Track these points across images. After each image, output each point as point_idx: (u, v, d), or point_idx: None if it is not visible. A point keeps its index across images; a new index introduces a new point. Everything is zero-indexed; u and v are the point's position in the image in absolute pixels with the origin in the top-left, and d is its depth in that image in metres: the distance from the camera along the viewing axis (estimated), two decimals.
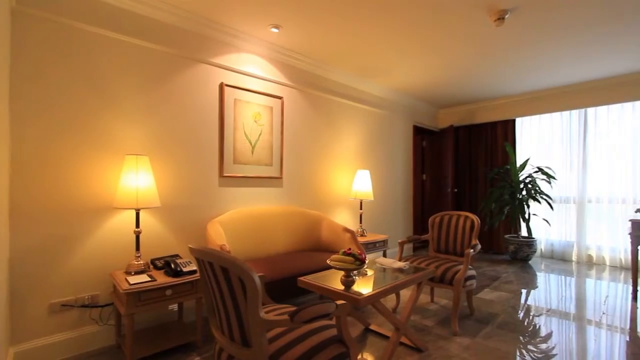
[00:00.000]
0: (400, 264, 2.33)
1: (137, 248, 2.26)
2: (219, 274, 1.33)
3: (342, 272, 2.02)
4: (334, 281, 2.04)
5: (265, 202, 3.33)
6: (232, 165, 3.03)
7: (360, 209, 3.95)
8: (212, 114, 2.91)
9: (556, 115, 5.07)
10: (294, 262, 2.69)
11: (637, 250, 3.26)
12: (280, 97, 3.40)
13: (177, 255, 2.49)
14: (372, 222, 4.61)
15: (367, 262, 2.48)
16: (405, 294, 3.37)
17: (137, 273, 2.19)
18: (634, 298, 3.27)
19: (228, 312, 1.37)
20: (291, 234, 3.19)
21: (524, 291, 3.53)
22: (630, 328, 2.62)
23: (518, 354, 2.21)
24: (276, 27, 2.90)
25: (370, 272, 2.27)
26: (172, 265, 2.19)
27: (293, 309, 1.38)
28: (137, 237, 2.26)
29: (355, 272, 2.18)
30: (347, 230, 3.12)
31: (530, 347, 2.31)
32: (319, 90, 3.85)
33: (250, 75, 3.17)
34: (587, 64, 3.87)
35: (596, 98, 4.58)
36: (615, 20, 2.82)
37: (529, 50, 3.46)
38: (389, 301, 3.19)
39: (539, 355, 2.19)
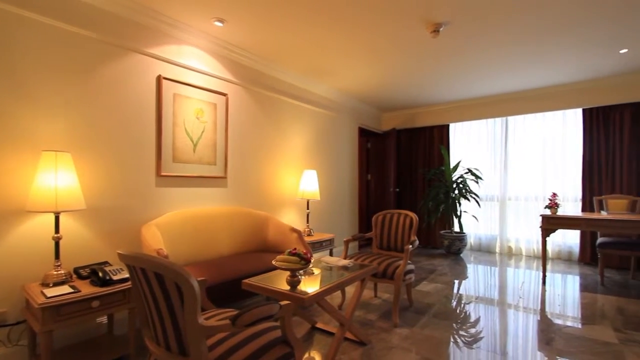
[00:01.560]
0: (345, 262, 2.39)
1: (57, 256, 2.01)
2: (152, 280, 1.24)
3: (288, 272, 2.01)
4: (280, 282, 2.02)
5: (209, 203, 3.18)
6: (171, 164, 2.85)
7: (308, 208, 3.98)
8: (148, 108, 2.70)
9: (483, 122, 5.62)
10: (238, 264, 2.61)
11: (546, 241, 3.75)
12: (224, 94, 3.27)
13: (106, 263, 2.26)
14: (319, 222, 4.67)
15: (312, 261, 2.50)
16: (351, 290, 3.46)
17: (57, 284, 1.94)
18: (544, 282, 3.75)
19: (164, 321, 1.28)
20: (236, 236, 3.09)
21: (456, 282, 3.85)
22: (541, 309, 3.01)
23: (452, 339, 2.40)
24: (220, 20, 2.79)
25: (316, 271, 2.30)
26: (100, 274, 1.99)
27: (235, 312, 1.33)
28: (57, 244, 2.01)
29: (301, 271, 2.18)
30: (294, 230, 3.12)
31: (461, 332, 2.52)
32: (266, 88, 3.79)
33: (192, 69, 3.01)
34: (508, 78, 4.35)
35: (515, 108, 5.19)
36: (532, 41, 3.22)
37: (460, 62, 3.78)
38: (335, 298, 3.26)
39: (469, 339, 2.40)
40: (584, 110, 4.69)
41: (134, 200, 2.61)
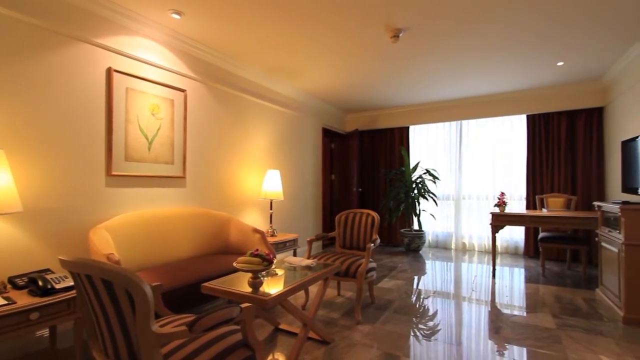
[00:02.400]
0: (308, 262, 2.39)
1: None
2: (100, 288, 1.15)
3: (250, 274, 1.97)
4: (242, 284, 1.97)
5: (166, 204, 3.02)
6: (123, 163, 2.67)
7: (271, 209, 3.93)
8: (97, 102, 2.51)
9: (440, 125, 5.92)
10: (198, 267, 2.51)
11: (496, 237, 4.03)
12: (183, 90, 3.13)
13: (47, 270, 2.06)
14: (283, 222, 4.63)
15: (275, 262, 2.47)
16: (314, 290, 3.47)
17: None
18: (493, 275, 4.02)
19: (113, 331, 1.19)
20: (196, 238, 2.97)
21: (415, 278, 4.01)
22: (491, 300, 3.22)
23: (411, 333, 2.49)
24: (177, 13, 2.67)
25: (280, 272, 2.27)
26: (40, 283, 1.81)
27: (193, 318, 1.28)
28: None
29: (263, 273, 2.15)
30: (256, 230, 3.06)
31: (420, 325, 2.63)
32: (228, 86, 3.69)
33: (147, 63, 2.85)
34: (462, 85, 4.62)
35: (468, 113, 5.52)
36: (483, 52, 3.44)
37: (419, 68, 3.95)
38: (299, 298, 3.25)
39: (428, 332, 2.51)
40: (527, 117, 5.10)
41: (80, 202, 2.41)
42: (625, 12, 2.70)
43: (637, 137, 2.98)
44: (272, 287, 1.92)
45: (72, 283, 1.91)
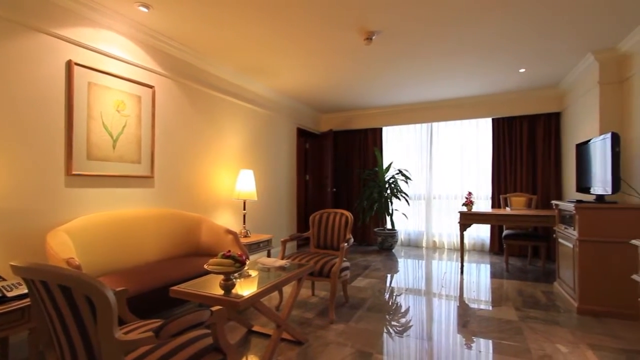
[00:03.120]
0: (282, 262, 2.37)
1: None
2: (57, 294, 1.07)
3: (222, 276, 1.92)
4: (213, 286, 1.92)
5: (133, 205, 2.89)
6: (85, 162, 2.52)
7: (244, 209, 3.86)
8: (56, 97, 2.35)
9: (411, 126, 6.08)
10: (167, 271, 2.42)
11: (464, 235, 4.20)
12: (151, 86, 3.01)
13: None
14: (257, 223, 4.57)
15: (248, 263, 2.43)
16: (289, 290, 3.45)
17: None
18: (462, 272, 4.19)
19: (72, 340, 1.12)
20: (165, 240, 2.86)
21: (388, 276, 4.09)
22: (459, 295, 3.35)
23: (384, 330, 2.53)
24: (145, 5, 2.56)
25: (253, 273, 2.23)
26: None
27: (160, 323, 1.23)
28: None
29: (236, 274, 2.10)
30: (229, 231, 2.99)
31: (393, 322, 2.68)
32: (199, 83, 3.58)
33: (111, 57, 2.71)
34: (433, 88, 4.77)
35: (438, 115, 5.71)
36: (452, 57, 3.56)
37: (391, 70, 4.03)
38: (273, 300, 3.21)
39: (400, 328, 2.57)
40: (493, 120, 5.36)
41: (36, 203, 2.25)
42: (578, 25, 2.90)
43: (589, 140, 3.21)
44: (245, 288, 1.89)
45: (26, 290, 1.78)
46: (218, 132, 3.87)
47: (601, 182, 2.90)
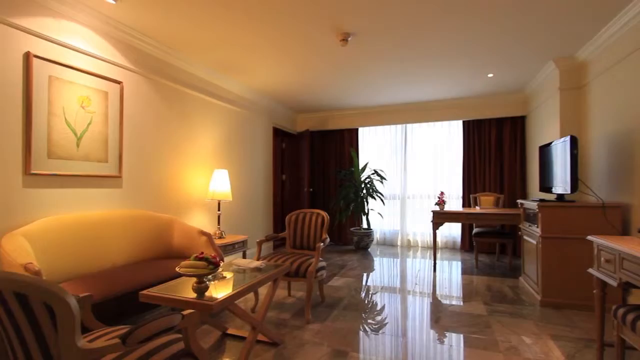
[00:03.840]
0: (257, 263, 2.34)
1: None
2: (11, 302, 1.00)
3: (195, 279, 1.86)
4: (186, 289, 1.86)
5: (99, 206, 2.75)
6: (45, 161, 2.37)
7: (219, 210, 3.77)
8: (12, 92, 2.19)
9: (387, 127, 6.19)
10: (136, 274, 2.32)
11: (436, 233, 4.32)
12: (119, 82, 2.88)
13: None
14: (232, 223, 4.48)
15: (222, 265, 2.38)
16: (264, 292, 3.41)
17: None
18: (434, 269, 4.31)
19: (29, 352, 1.05)
20: (134, 242, 2.75)
21: (364, 275, 4.14)
22: (432, 292, 3.45)
23: (361, 328, 2.56)
24: None
25: (228, 275, 2.19)
26: None
27: (128, 329, 1.17)
28: None
29: (210, 277, 2.05)
30: (202, 233, 2.92)
31: (369, 320, 2.71)
32: (172, 80, 3.47)
33: (75, 50, 2.56)
34: (407, 91, 4.88)
35: (412, 117, 5.85)
36: (425, 61, 3.66)
37: (367, 72, 4.09)
38: (249, 301, 3.17)
39: (376, 326, 2.60)
40: (463, 122, 5.56)
41: None
42: (540, 34, 3.07)
43: (550, 143, 3.41)
44: (219, 291, 1.85)
45: None
46: (191, 130, 3.76)
47: (561, 182, 3.08)
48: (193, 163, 3.79)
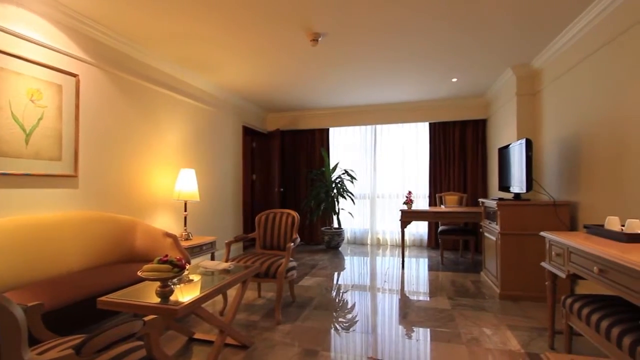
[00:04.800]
0: (226, 265, 2.28)
1: None
2: None
3: (159, 283, 1.78)
4: (149, 294, 1.77)
5: (52, 207, 2.55)
6: None
7: (185, 210, 3.64)
8: None
9: (357, 128, 6.28)
10: (94, 280, 2.18)
11: (404, 231, 4.45)
12: (74, 75, 2.69)
13: None
14: (200, 224, 4.34)
15: (189, 267, 2.30)
16: (233, 294, 3.34)
17: None
18: (403, 267, 4.44)
19: None
20: (92, 246, 2.58)
21: (335, 274, 4.18)
22: (401, 289, 3.54)
23: (332, 327, 2.57)
24: None
25: (195, 278, 2.12)
26: None
27: (83, 338, 1.09)
28: None
29: (175, 280, 1.97)
30: (168, 234, 2.80)
31: (340, 319, 2.73)
32: (134, 75, 3.29)
33: (23, 38, 2.36)
34: (376, 92, 4.98)
35: (381, 118, 5.98)
36: (392, 64, 3.75)
37: (337, 72, 4.12)
38: (218, 304, 3.08)
39: (346, 324, 2.63)
40: (430, 124, 5.77)
41: None
42: (499, 42, 3.25)
43: (508, 145, 3.62)
44: (185, 294, 1.78)
45: None
46: (155, 128, 3.60)
47: (518, 182, 3.28)
48: (158, 162, 3.62)
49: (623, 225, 1.87)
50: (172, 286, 1.79)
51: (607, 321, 1.56)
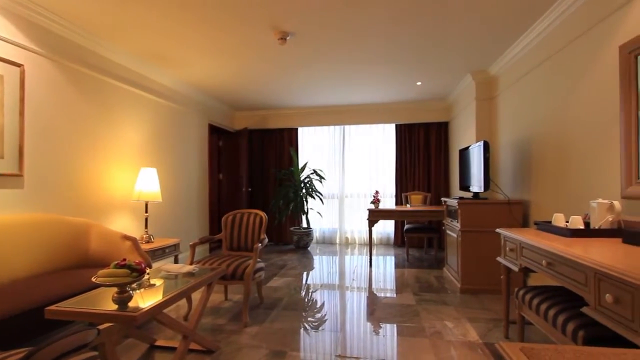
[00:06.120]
0: (190, 268, 2.20)
1: None
2: None
3: (116, 289, 1.68)
4: (105, 301, 1.67)
5: None
6: None
7: (146, 212, 3.46)
8: None
9: (326, 128, 6.32)
10: (43, 288, 2.01)
11: (372, 230, 4.55)
12: (18, 65, 2.46)
13: None
14: (162, 226, 4.15)
15: (149, 271, 2.20)
16: (198, 297, 3.23)
17: None
18: (370, 265, 4.53)
19: None
20: (41, 251, 2.37)
21: (304, 273, 4.17)
22: (369, 286, 3.61)
23: (300, 327, 2.56)
24: None
25: (158, 282, 2.02)
26: None
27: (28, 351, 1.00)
28: None
29: (134, 285, 1.87)
30: (126, 237, 2.65)
31: (309, 319, 2.73)
32: (90, 68, 3.08)
33: None
34: (344, 93, 5.04)
35: (349, 118, 6.07)
36: (359, 66, 3.81)
37: (306, 72, 4.12)
38: (182, 309, 2.97)
39: (315, 323, 2.63)
40: (396, 125, 5.94)
41: None
42: (459, 49, 3.42)
43: (468, 147, 3.81)
44: (145, 300, 1.69)
45: None
46: (113, 124, 3.39)
47: (477, 182, 3.47)
48: (116, 161, 3.42)
49: (567, 221, 2.03)
50: (131, 292, 1.69)
51: (554, 310, 1.69)
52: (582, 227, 1.91)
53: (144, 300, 1.70)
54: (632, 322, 1.12)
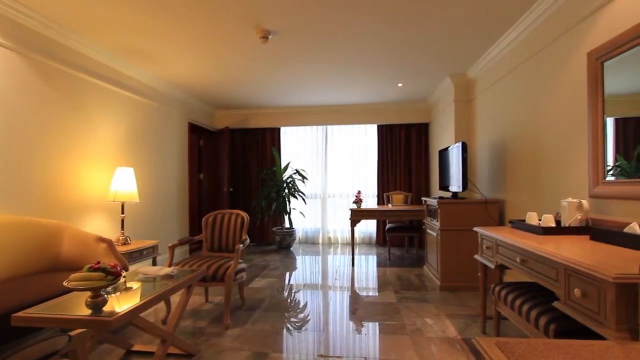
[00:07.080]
0: (168, 270, 2.15)
1: None
2: None
3: (89, 293, 1.61)
4: (78, 306, 1.60)
5: None
6: None
7: (122, 213, 3.35)
8: None
9: (308, 128, 6.32)
10: (9, 293, 1.90)
11: (354, 230, 4.58)
12: None
13: None
14: (140, 227, 4.03)
15: (125, 274, 2.13)
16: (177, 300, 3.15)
17: None
18: (353, 264, 4.56)
19: None
20: (7, 255, 2.25)
21: (287, 274, 4.15)
22: (351, 285, 3.64)
23: (283, 328, 2.55)
24: None
25: (135, 285, 1.96)
26: None
27: None
28: None
29: (109, 289, 1.81)
30: (101, 239, 2.55)
31: (292, 319, 2.72)
32: (61, 62, 2.95)
33: None
34: (327, 93, 5.05)
35: (332, 119, 6.09)
36: (341, 67, 3.83)
37: (288, 71, 4.10)
38: (160, 312, 2.89)
39: (298, 324, 2.62)
40: (378, 126, 6.01)
41: None
42: (438, 52, 3.50)
43: (447, 147, 3.91)
44: (121, 304, 1.64)
45: None
46: (87, 122, 3.26)
47: (456, 181, 3.55)
48: (90, 160, 3.29)
49: (540, 220, 2.12)
50: (106, 296, 1.63)
51: (527, 305, 1.75)
52: (553, 225, 1.99)
53: (120, 304, 1.64)
54: (598, 315, 1.18)
